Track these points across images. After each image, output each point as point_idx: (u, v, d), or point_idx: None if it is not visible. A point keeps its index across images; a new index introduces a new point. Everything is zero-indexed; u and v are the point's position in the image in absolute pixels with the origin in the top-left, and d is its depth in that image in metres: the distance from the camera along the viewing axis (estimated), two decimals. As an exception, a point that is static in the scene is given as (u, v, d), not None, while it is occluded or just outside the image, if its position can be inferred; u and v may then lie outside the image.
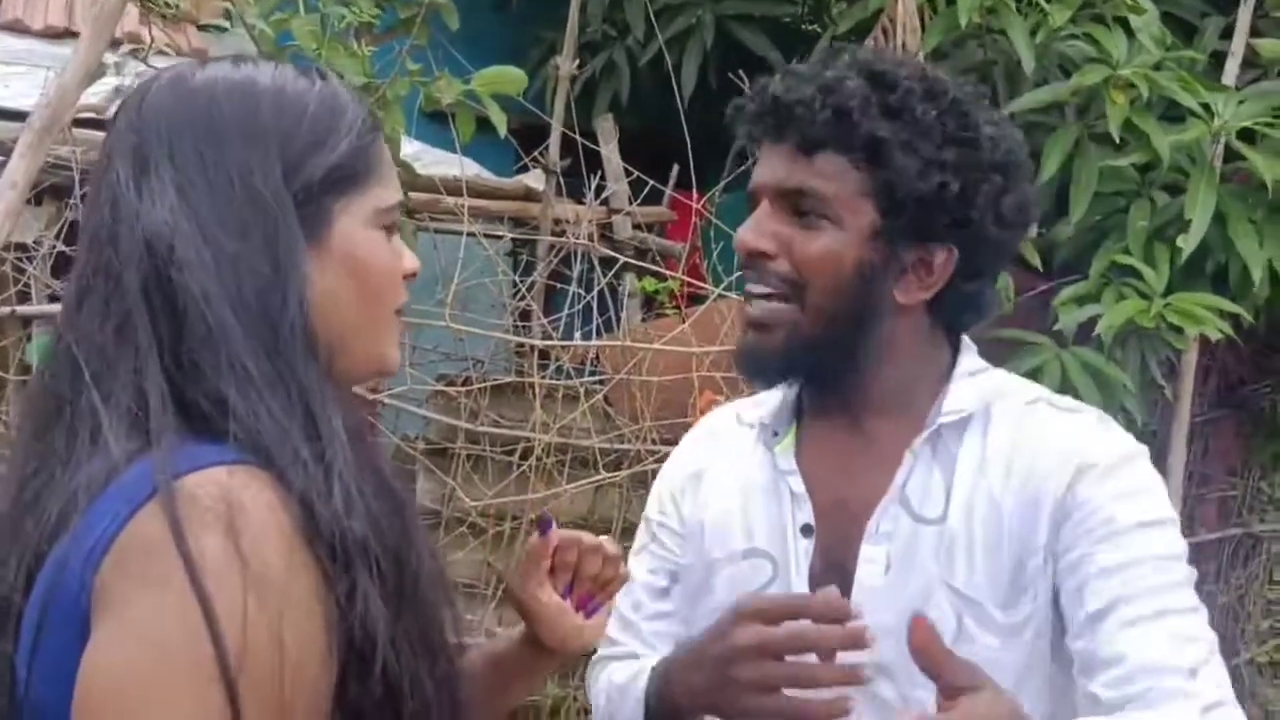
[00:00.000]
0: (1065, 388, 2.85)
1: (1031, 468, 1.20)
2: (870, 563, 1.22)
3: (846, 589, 1.20)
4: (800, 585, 1.25)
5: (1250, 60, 3.48)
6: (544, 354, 3.21)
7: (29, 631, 0.82)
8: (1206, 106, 3.20)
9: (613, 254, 3.47)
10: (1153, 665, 1.10)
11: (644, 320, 3.64)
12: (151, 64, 2.44)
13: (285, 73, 0.95)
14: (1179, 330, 3.07)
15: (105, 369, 0.86)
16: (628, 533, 3.28)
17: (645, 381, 3.17)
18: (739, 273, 3.49)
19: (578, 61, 3.65)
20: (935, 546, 1.21)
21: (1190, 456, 3.65)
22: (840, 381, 1.25)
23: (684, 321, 3.33)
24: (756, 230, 1.22)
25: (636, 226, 3.78)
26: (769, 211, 1.22)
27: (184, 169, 0.89)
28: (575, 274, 3.31)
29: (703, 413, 3.31)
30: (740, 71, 3.43)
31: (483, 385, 3.10)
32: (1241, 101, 3.24)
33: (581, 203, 3.52)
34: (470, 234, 3.12)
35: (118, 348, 0.86)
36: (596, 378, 3.29)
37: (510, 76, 2.80)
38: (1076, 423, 1.25)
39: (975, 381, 1.26)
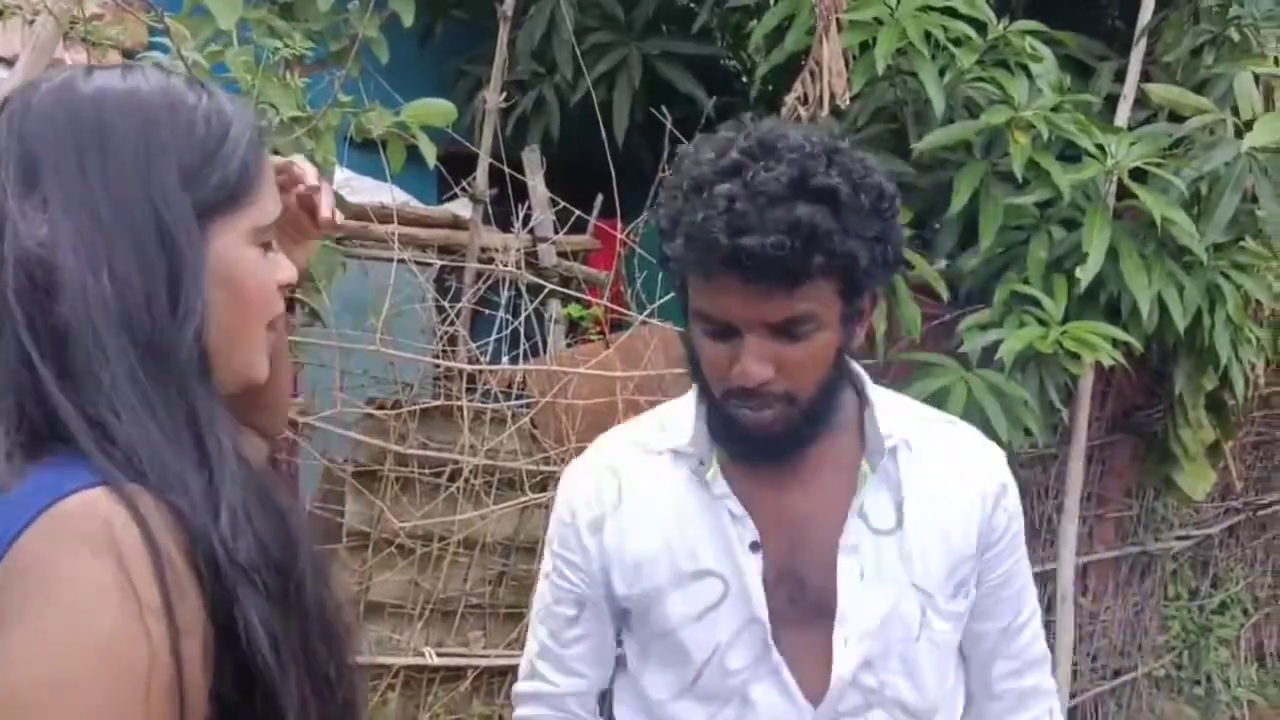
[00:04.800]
0: (971, 405, 2.98)
1: (959, 487, 1.45)
2: (847, 573, 1.39)
3: (801, 591, 1.39)
4: (756, 595, 1.38)
5: (1141, 101, 3.67)
6: (471, 378, 3.20)
7: None
8: (1101, 147, 3.36)
9: (539, 281, 3.49)
10: (1035, 658, 1.56)
11: (569, 345, 3.63)
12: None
13: (174, 84, 0.90)
14: (1075, 356, 3.21)
15: None
16: (553, 552, 3.30)
17: (570, 405, 3.18)
18: (661, 299, 3.55)
19: (504, 94, 3.67)
20: (896, 553, 1.40)
21: (1088, 477, 3.81)
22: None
23: (608, 347, 3.36)
24: (759, 362, 1.28)
25: (562, 254, 3.80)
26: (760, 340, 1.28)
27: (71, 184, 0.83)
28: (502, 300, 3.30)
29: (626, 435, 3.37)
30: (663, 106, 3.53)
31: (411, 409, 3.08)
32: (1133, 142, 3.41)
33: (508, 231, 3.54)
34: (400, 260, 3.12)
35: (4, 371, 0.83)
36: (523, 401, 3.28)
37: (439, 109, 2.85)
38: (971, 441, 1.53)
39: (894, 408, 1.45)
